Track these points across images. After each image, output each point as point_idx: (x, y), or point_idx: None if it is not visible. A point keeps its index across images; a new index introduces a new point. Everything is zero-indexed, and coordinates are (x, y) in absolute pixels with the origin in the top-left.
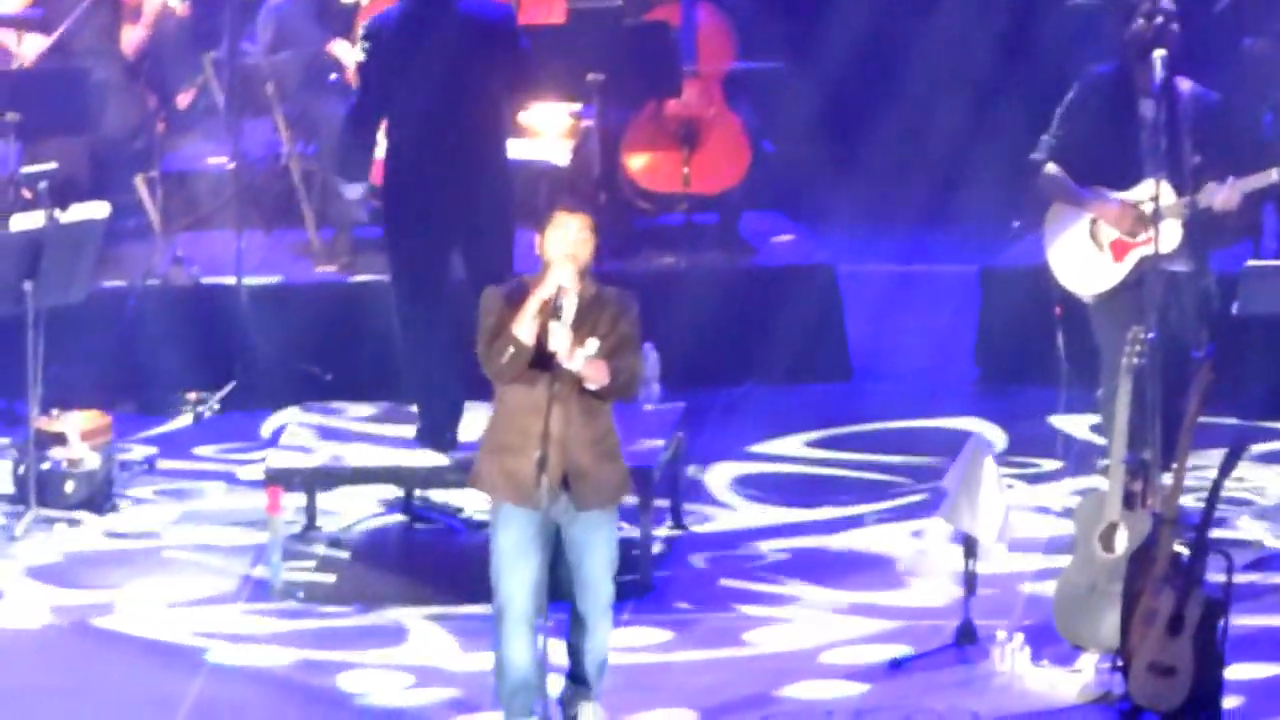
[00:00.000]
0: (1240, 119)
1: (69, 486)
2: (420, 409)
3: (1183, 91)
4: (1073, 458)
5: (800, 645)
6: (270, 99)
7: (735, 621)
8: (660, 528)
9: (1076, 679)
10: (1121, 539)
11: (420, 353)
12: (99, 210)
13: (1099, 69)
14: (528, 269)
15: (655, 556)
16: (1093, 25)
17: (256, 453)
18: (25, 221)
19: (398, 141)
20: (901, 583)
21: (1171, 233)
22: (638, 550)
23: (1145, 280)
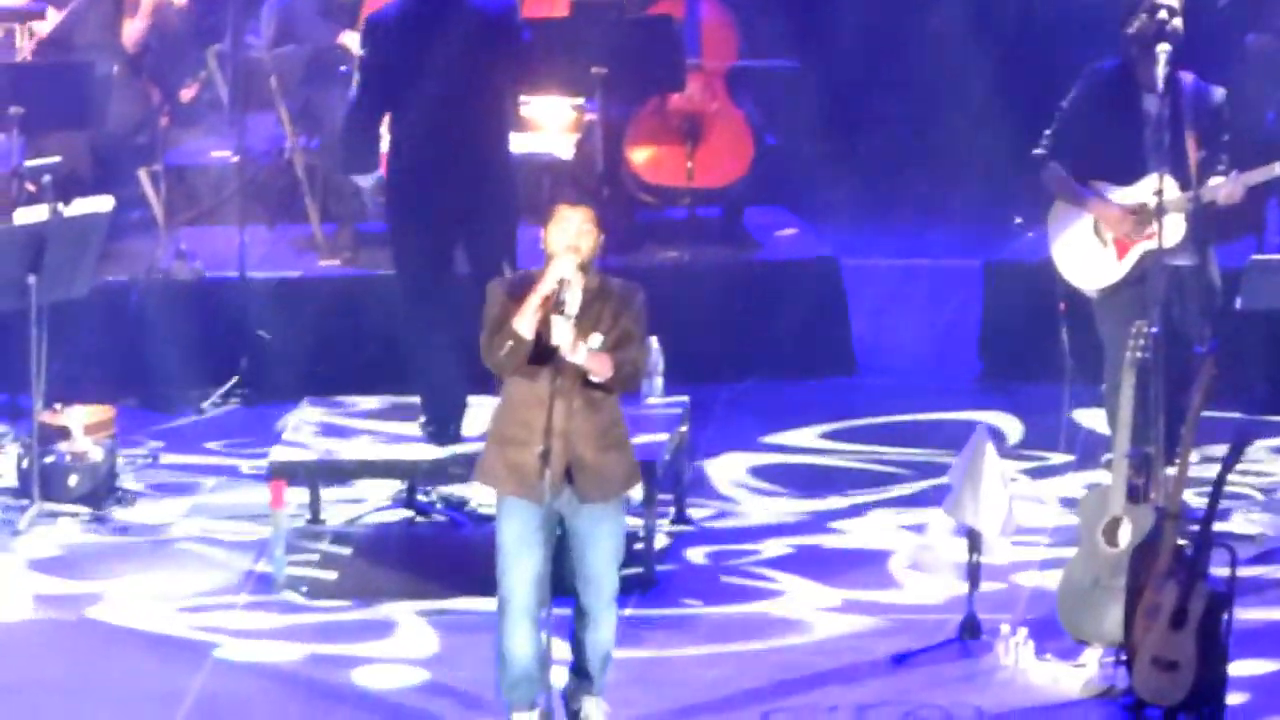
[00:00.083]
0: (1243, 114)
1: (72, 480)
2: (424, 403)
3: (1186, 86)
4: (1079, 450)
5: (804, 640)
6: (274, 93)
7: (739, 616)
8: (664, 521)
9: (1080, 673)
10: (1125, 533)
11: (424, 347)
12: (102, 204)
13: (1102, 64)
14: (531, 263)
15: (659, 550)
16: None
17: (260, 447)
18: (29, 216)
19: (401, 136)
20: (906, 577)
21: (1175, 228)
22: (641, 544)
23: (1149, 275)
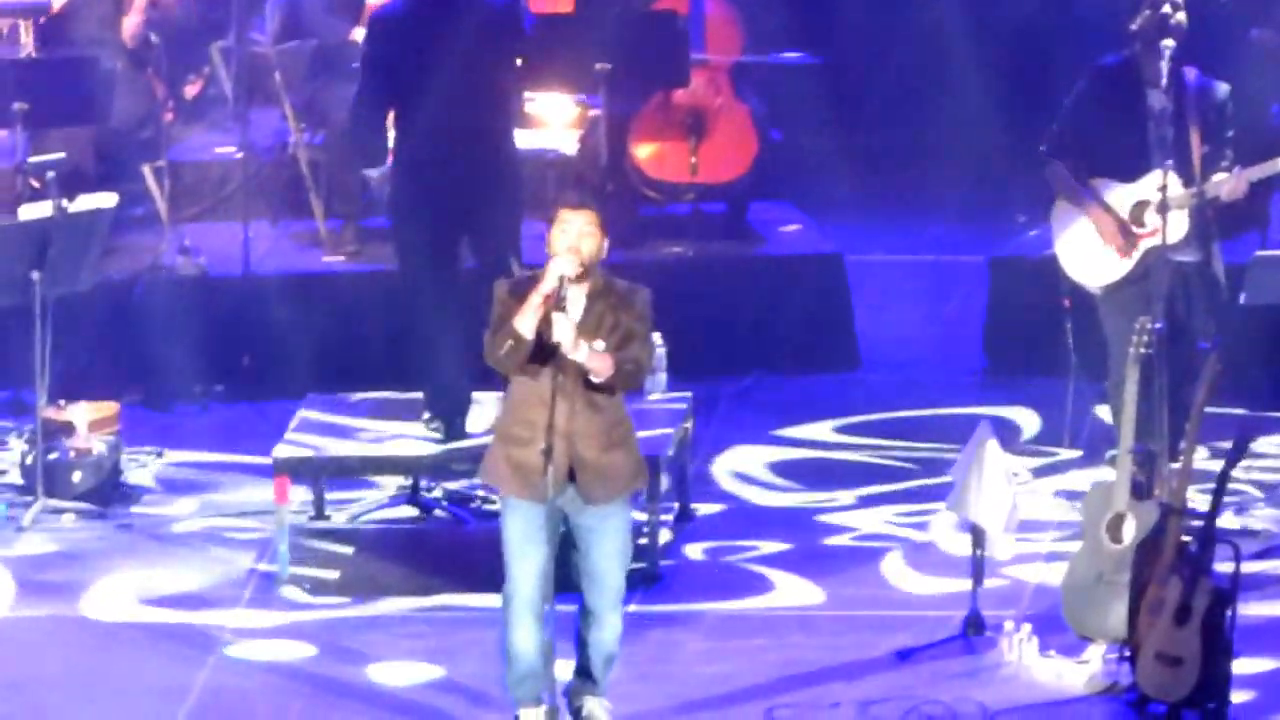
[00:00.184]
0: (1247, 109)
1: (76, 477)
2: (428, 399)
3: (1190, 82)
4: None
5: (807, 636)
6: (278, 89)
7: (742, 612)
8: (667, 516)
9: (1084, 669)
10: (1129, 529)
11: (428, 342)
12: (106, 200)
13: (1107, 60)
14: (535, 258)
15: (663, 546)
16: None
17: (264, 443)
18: (33, 211)
19: (405, 131)
20: (909, 573)
21: (1178, 224)
22: (645, 540)
23: (1152, 271)
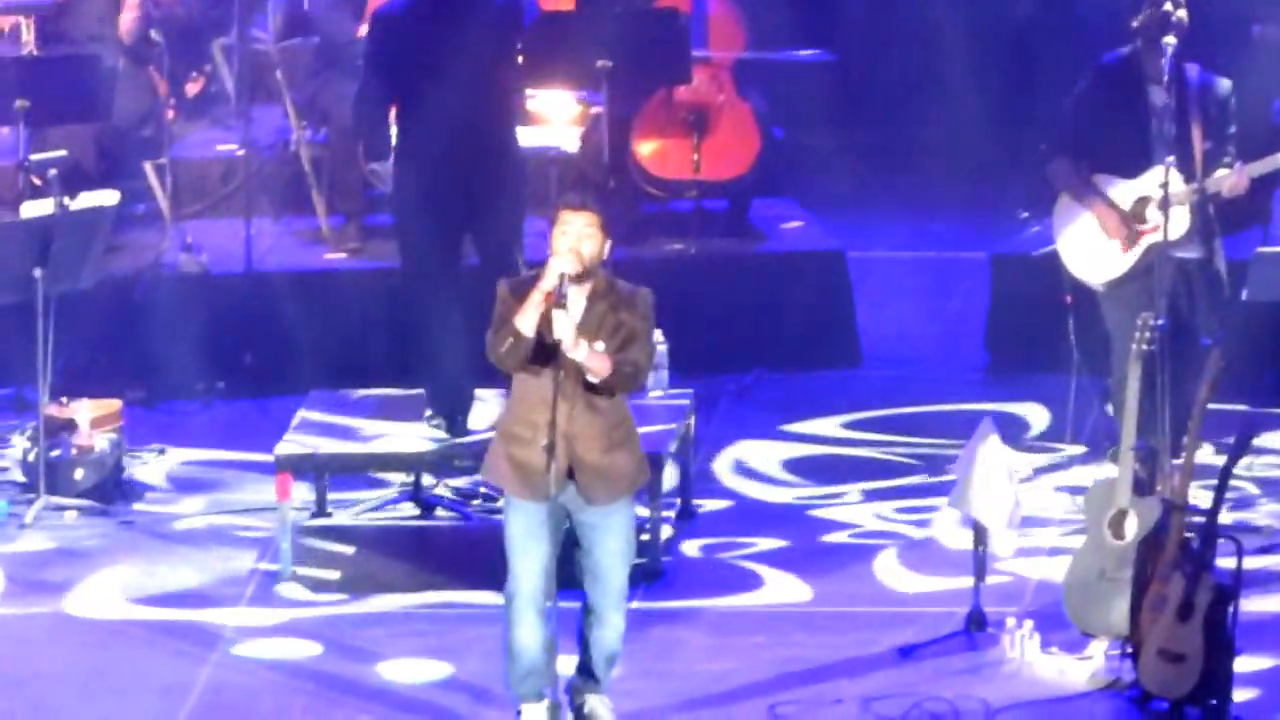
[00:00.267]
0: (1249, 104)
1: (78, 474)
2: (430, 396)
3: (1191, 78)
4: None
5: (809, 632)
6: (280, 86)
7: (744, 608)
8: (669, 512)
9: (1086, 666)
10: (1131, 526)
11: (431, 339)
12: (108, 198)
13: (1109, 56)
14: (538, 256)
15: (665, 542)
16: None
17: (267, 440)
18: (35, 209)
19: (407, 128)
20: (902, 571)
21: (1180, 220)
22: (647, 536)
23: (1155, 267)
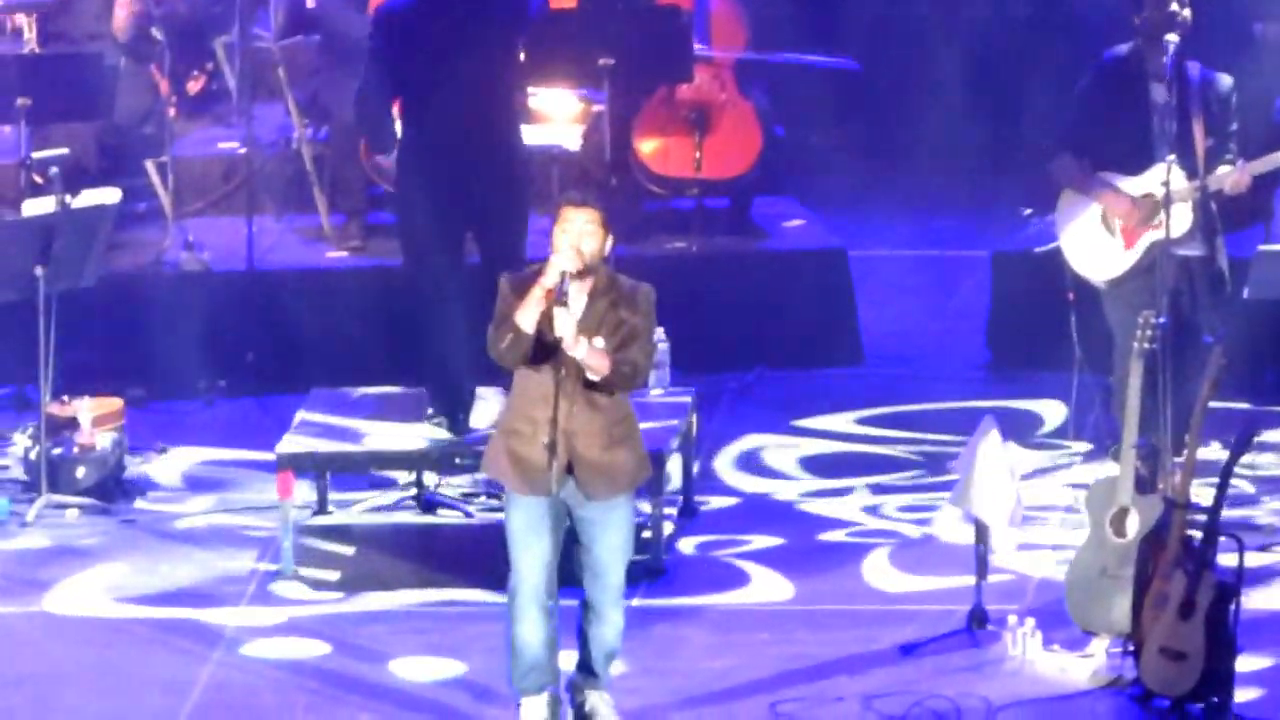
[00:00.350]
0: (1251, 102)
1: (80, 472)
2: (432, 393)
3: (1193, 75)
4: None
5: (811, 630)
6: (281, 84)
7: (746, 606)
8: (671, 509)
9: (1088, 663)
10: (1133, 523)
11: (433, 337)
12: (110, 196)
13: (1111, 53)
14: (540, 254)
15: (666, 540)
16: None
17: (268, 438)
18: (37, 207)
19: (411, 125)
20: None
21: (1182, 217)
22: (649, 534)
23: (1157, 265)
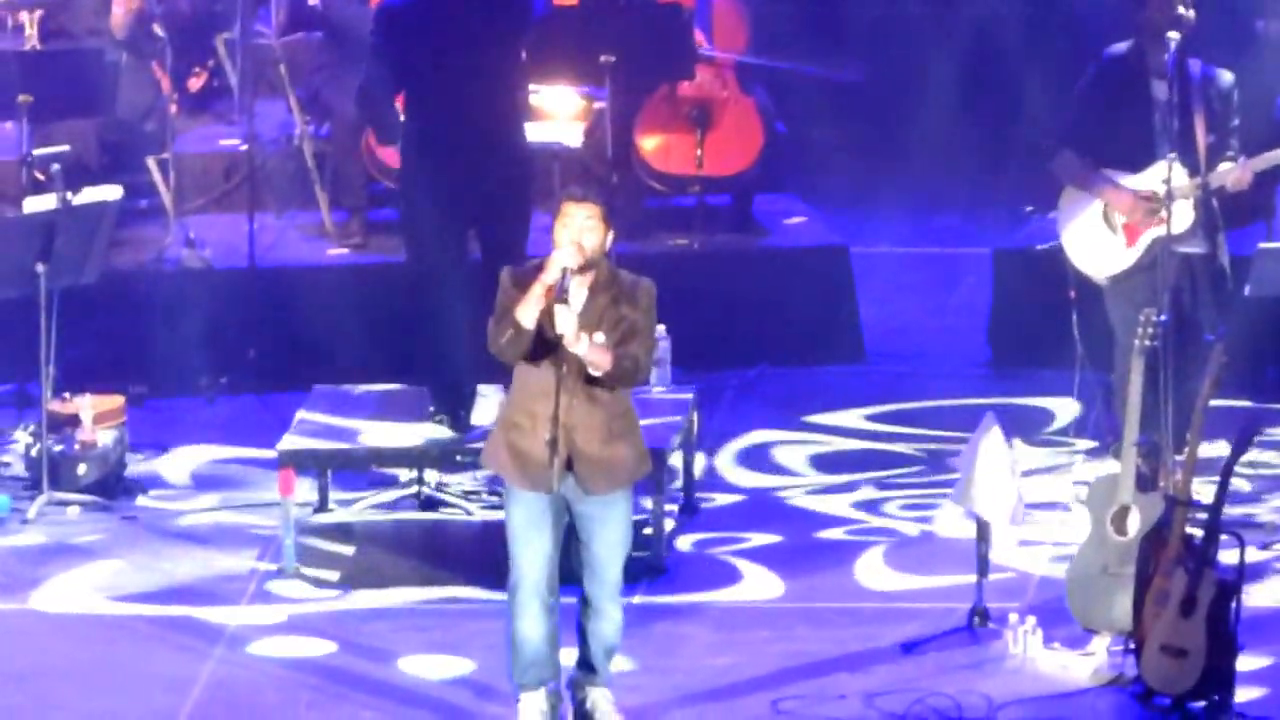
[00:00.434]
0: (1253, 99)
1: (81, 469)
2: (433, 390)
3: (1194, 72)
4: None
5: (813, 627)
6: (283, 81)
7: (748, 603)
8: (673, 506)
9: (1089, 661)
10: (1134, 521)
11: (435, 334)
12: (111, 193)
13: (1113, 50)
14: (542, 251)
15: (668, 538)
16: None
17: (269, 435)
18: (38, 204)
19: (414, 121)
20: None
21: (1183, 214)
22: (650, 531)
23: (1159, 262)
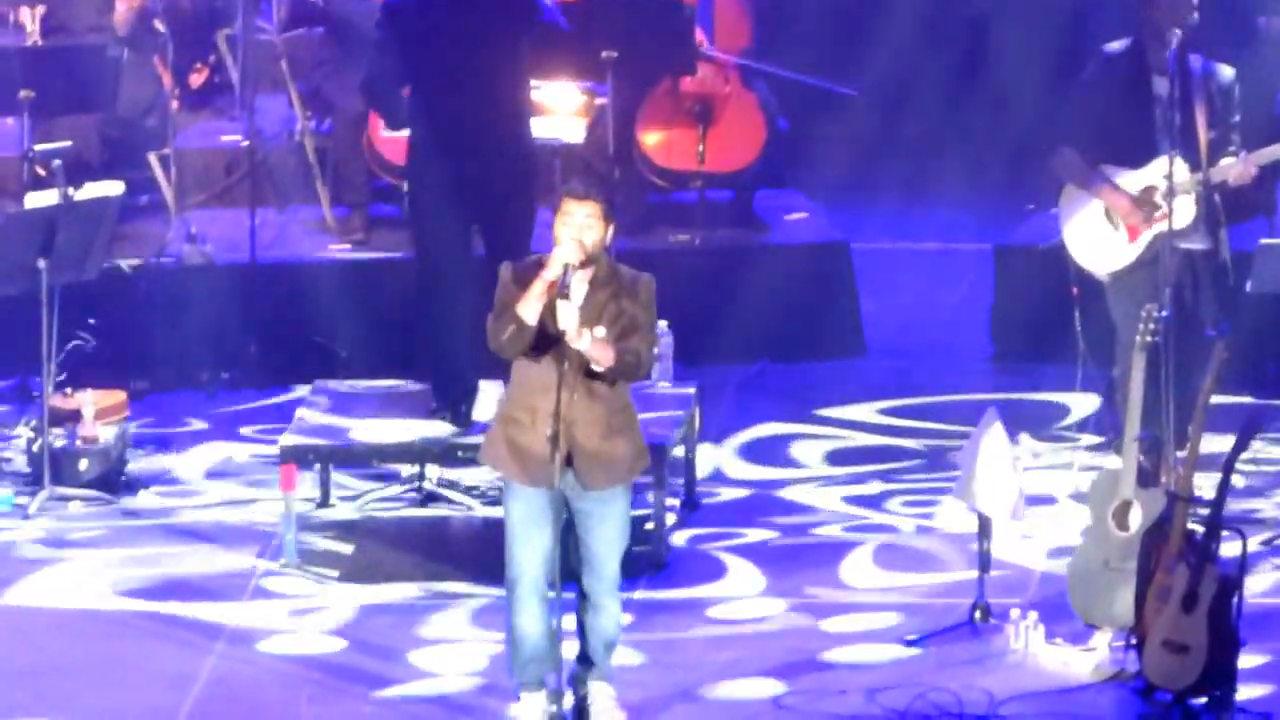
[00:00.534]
0: (1254, 95)
1: (83, 464)
2: (435, 386)
3: (1195, 68)
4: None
5: (814, 623)
6: (284, 76)
7: (750, 599)
8: (674, 501)
9: (1090, 657)
10: (1135, 517)
11: (438, 329)
12: (112, 188)
13: (1113, 46)
14: (544, 247)
15: (668, 533)
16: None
17: (271, 431)
18: (39, 200)
19: (419, 117)
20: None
21: (1185, 210)
22: (651, 527)
23: (1160, 258)
